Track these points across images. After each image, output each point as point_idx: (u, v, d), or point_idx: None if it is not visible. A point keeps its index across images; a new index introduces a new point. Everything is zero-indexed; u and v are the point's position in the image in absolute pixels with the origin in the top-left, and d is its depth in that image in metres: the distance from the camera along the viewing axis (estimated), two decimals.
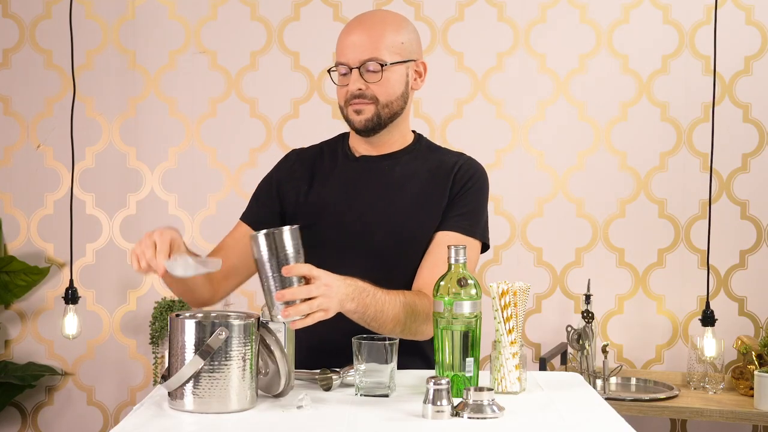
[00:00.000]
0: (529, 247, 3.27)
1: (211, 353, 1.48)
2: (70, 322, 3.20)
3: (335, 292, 1.62)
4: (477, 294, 1.64)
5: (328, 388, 1.68)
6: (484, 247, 1.97)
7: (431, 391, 1.50)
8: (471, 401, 1.50)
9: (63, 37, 3.33)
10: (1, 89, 3.42)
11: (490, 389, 1.51)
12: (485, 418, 1.49)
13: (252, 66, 3.35)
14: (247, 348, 1.51)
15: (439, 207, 1.93)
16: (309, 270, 1.58)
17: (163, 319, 3.25)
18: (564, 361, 3.04)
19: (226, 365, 1.49)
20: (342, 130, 2.10)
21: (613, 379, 3.01)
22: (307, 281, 1.59)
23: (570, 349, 2.99)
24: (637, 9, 3.21)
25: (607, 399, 2.10)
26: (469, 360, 1.64)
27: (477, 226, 1.94)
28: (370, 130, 1.92)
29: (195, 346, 1.49)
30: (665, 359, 3.22)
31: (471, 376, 1.64)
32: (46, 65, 3.40)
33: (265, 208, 2.01)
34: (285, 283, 1.56)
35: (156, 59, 3.38)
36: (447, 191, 1.94)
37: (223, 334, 1.48)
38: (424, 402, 1.50)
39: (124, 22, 3.38)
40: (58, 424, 3.43)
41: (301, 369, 1.78)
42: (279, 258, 1.55)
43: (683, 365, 3.15)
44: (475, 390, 1.51)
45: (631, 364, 3.23)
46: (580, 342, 2.92)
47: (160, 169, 3.38)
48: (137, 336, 3.40)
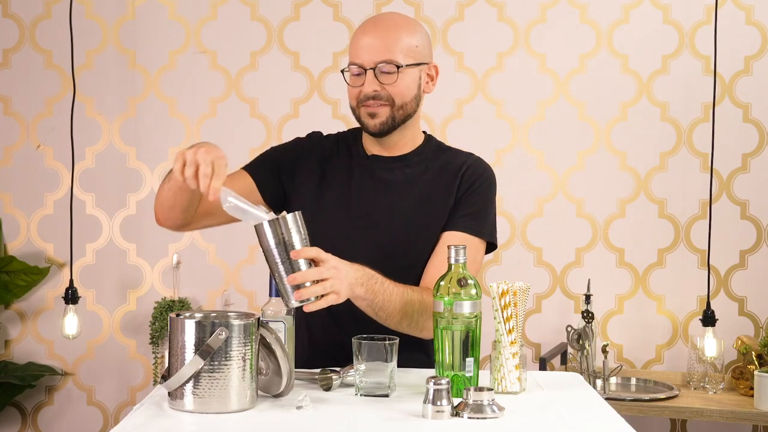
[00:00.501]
0: (529, 247, 3.27)
1: (211, 353, 1.48)
2: (70, 322, 3.20)
3: (345, 274, 1.64)
4: (477, 294, 1.64)
5: (328, 388, 1.68)
6: (493, 246, 1.98)
7: (431, 391, 1.50)
8: (471, 401, 1.50)
9: (63, 37, 3.33)
10: (1, 89, 3.42)
11: (490, 389, 1.51)
12: (485, 418, 1.49)
13: (252, 66, 3.35)
14: (247, 348, 1.51)
15: (445, 207, 1.93)
16: (317, 253, 1.59)
17: (163, 319, 3.25)
18: (564, 361, 3.04)
19: (226, 365, 1.49)
20: (343, 128, 2.11)
21: (613, 379, 3.01)
22: (316, 264, 1.60)
23: (570, 349, 2.99)
24: (637, 9, 3.21)
25: (607, 399, 2.10)
26: (469, 360, 1.64)
27: (484, 226, 1.94)
28: (384, 132, 1.93)
29: (195, 346, 1.49)
30: (665, 359, 3.22)
31: (471, 376, 1.64)
32: (46, 65, 3.40)
33: (271, 176, 1.99)
34: (294, 267, 1.57)
35: (156, 59, 3.38)
36: (454, 191, 1.94)
37: (223, 334, 1.49)
38: (424, 402, 1.50)
39: (124, 22, 3.38)
40: (58, 424, 3.43)
41: (301, 369, 1.78)
42: (286, 244, 1.57)
43: (683, 365, 3.15)
44: (475, 390, 1.51)
45: (631, 364, 3.23)
46: (580, 342, 2.92)
47: (160, 169, 3.38)
48: (137, 336, 3.40)
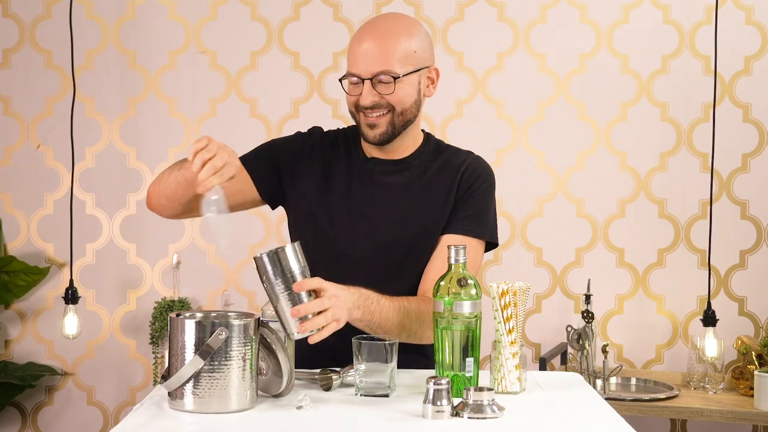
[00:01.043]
0: (529, 247, 3.27)
1: (211, 353, 1.48)
2: (70, 322, 3.20)
3: (343, 301, 1.64)
4: (477, 294, 1.64)
5: (328, 388, 1.68)
6: (493, 245, 1.97)
7: (431, 391, 1.50)
8: (471, 401, 1.50)
9: (63, 37, 3.33)
10: (1, 89, 3.42)
11: (490, 389, 1.51)
12: (485, 418, 1.49)
13: (252, 66, 3.35)
14: (247, 348, 1.51)
15: (445, 209, 1.93)
16: (319, 283, 1.60)
17: (163, 319, 3.25)
18: (564, 361, 3.04)
19: (226, 365, 1.49)
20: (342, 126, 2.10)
21: (613, 379, 3.01)
22: (316, 294, 1.60)
23: (570, 349, 2.99)
24: (637, 9, 3.21)
25: (607, 399, 2.10)
26: (469, 360, 1.64)
27: (484, 227, 1.94)
28: (384, 142, 1.91)
29: (195, 346, 1.49)
30: (665, 359, 3.22)
31: (471, 376, 1.64)
32: (46, 65, 3.40)
33: (269, 172, 1.99)
34: (295, 299, 1.57)
35: (156, 59, 3.38)
36: (453, 192, 1.93)
37: (223, 334, 1.49)
38: (424, 402, 1.50)
39: (124, 22, 3.38)
40: (58, 424, 3.43)
41: (300, 369, 1.78)
42: (285, 276, 1.57)
43: (683, 365, 3.15)
44: (475, 390, 1.51)
45: (631, 364, 3.23)
46: (580, 342, 2.92)
47: (161, 169, 3.36)
48: (137, 336, 3.40)
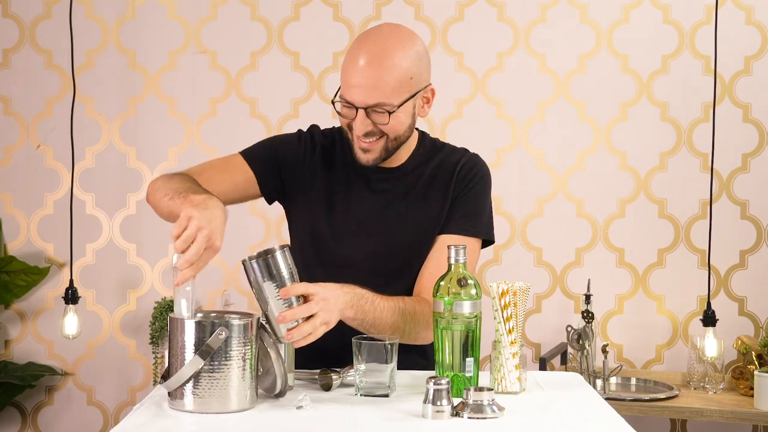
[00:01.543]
0: (529, 247, 3.27)
1: (210, 353, 1.48)
2: (70, 322, 3.20)
3: (334, 304, 1.63)
4: (477, 294, 1.64)
5: (328, 388, 1.68)
6: (489, 242, 1.96)
7: (431, 391, 1.49)
8: (471, 401, 1.50)
9: (63, 37, 3.33)
10: (1, 89, 3.42)
11: (490, 389, 1.51)
12: (485, 418, 1.49)
13: (252, 66, 3.35)
14: (246, 348, 1.51)
15: (442, 210, 1.92)
16: (305, 288, 1.59)
17: (163, 319, 3.25)
18: (564, 361, 3.04)
19: (226, 365, 1.49)
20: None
21: (613, 379, 3.01)
22: (305, 299, 1.59)
23: (570, 349, 2.99)
24: (637, 9, 3.21)
25: (607, 399, 2.10)
26: (469, 360, 1.64)
27: (479, 225, 1.93)
28: (377, 164, 1.89)
29: (195, 346, 1.49)
30: (665, 359, 3.22)
31: (471, 376, 1.64)
32: (46, 65, 3.40)
33: (272, 169, 2.00)
34: (283, 304, 1.57)
35: (156, 59, 3.38)
36: (450, 193, 1.92)
37: (223, 334, 1.49)
38: (424, 402, 1.50)
39: (124, 22, 3.38)
40: (58, 424, 3.43)
41: (300, 369, 1.78)
42: (274, 281, 1.56)
43: (683, 365, 3.15)
44: (475, 390, 1.51)
45: (631, 364, 3.23)
46: (580, 342, 2.92)
47: (160, 169, 3.37)
48: (137, 336, 3.40)
